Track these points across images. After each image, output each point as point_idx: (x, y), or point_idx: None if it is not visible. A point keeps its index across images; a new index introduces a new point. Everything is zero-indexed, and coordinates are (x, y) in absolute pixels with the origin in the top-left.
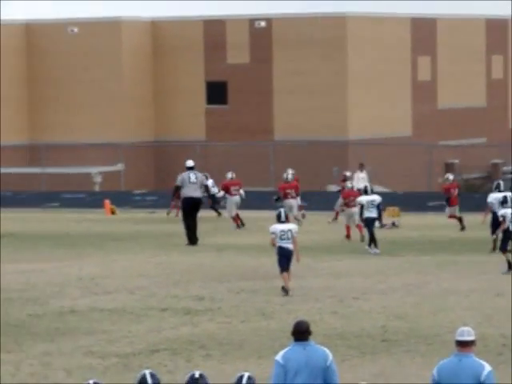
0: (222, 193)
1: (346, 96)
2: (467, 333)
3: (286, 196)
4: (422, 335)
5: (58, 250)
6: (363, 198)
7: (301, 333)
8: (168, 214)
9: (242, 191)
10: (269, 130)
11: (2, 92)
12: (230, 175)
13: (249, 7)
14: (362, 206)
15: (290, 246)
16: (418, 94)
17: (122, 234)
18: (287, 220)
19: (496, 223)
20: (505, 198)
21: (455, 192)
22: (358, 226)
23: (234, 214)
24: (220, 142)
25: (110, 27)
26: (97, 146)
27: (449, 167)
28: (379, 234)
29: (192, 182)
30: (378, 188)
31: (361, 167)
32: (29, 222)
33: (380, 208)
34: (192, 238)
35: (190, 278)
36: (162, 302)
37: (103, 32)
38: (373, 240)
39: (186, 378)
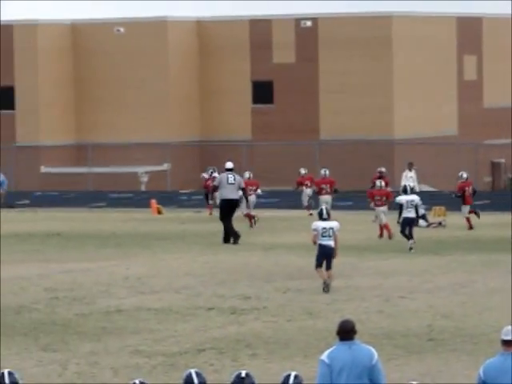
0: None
1: (391, 95)
2: None
3: (320, 191)
4: (468, 334)
5: (104, 249)
6: (403, 198)
7: (346, 332)
8: (210, 214)
9: (259, 191)
10: (314, 130)
11: (48, 92)
12: (247, 175)
13: (295, 7)
14: (401, 206)
15: (331, 243)
16: (464, 93)
17: (169, 233)
18: (329, 217)
19: None
20: None
21: (469, 190)
22: (385, 226)
23: (245, 212)
24: (266, 142)
25: (156, 27)
26: (143, 146)
27: (495, 166)
28: (426, 233)
29: (230, 183)
30: (424, 187)
31: (410, 166)
32: (75, 221)
33: (418, 209)
34: (234, 237)
35: (236, 277)
36: (209, 301)
37: (149, 32)
38: (406, 237)
39: (232, 377)
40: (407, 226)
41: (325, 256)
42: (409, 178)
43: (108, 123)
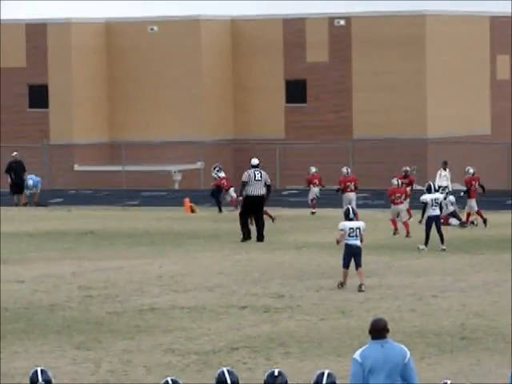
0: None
1: (424, 94)
2: None
3: (345, 189)
4: (501, 333)
5: (137, 247)
6: (427, 196)
7: (378, 330)
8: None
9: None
10: (348, 129)
11: (82, 90)
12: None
13: (328, 6)
14: (425, 205)
15: (357, 242)
16: (497, 93)
17: (202, 231)
18: (355, 217)
19: None
20: None
21: (475, 185)
22: (404, 224)
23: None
24: (299, 140)
25: (190, 26)
26: (176, 144)
27: None
28: (458, 232)
29: (257, 180)
30: (457, 186)
31: (444, 165)
32: (109, 219)
33: (442, 206)
34: (245, 235)
35: (269, 275)
36: (242, 299)
37: (183, 31)
38: (427, 238)
39: (265, 375)
40: (432, 224)
41: (352, 255)
42: (443, 177)
43: (141, 121)
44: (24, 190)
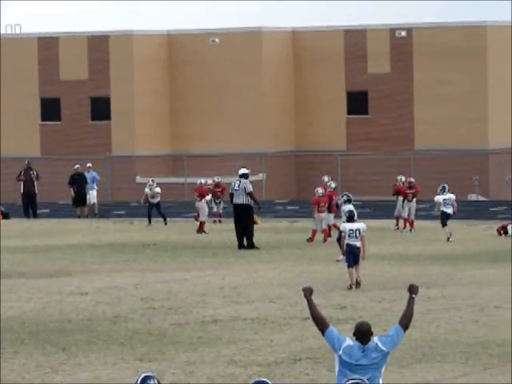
0: (209, 196)
1: (486, 105)
2: None
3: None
4: None
5: (200, 259)
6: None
7: (362, 334)
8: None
9: (208, 197)
10: (409, 140)
11: (144, 102)
12: (203, 181)
13: (389, 17)
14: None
15: (357, 243)
16: None
17: (264, 243)
18: (353, 219)
19: None
20: None
21: (335, 199)
22: (324, 231)
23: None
24: (360, 152)
25: (251, 37)
26: (238, 156)
27: None
28: None
29: (235, 190)
30: None
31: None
32: (171, 231)
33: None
34: (241, 243)
35: (331, 287)
36: (304, 310)
37: (244, 42)
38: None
39: None
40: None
41: (352, 255)
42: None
43: (203, 133)
44: (87, 186)
